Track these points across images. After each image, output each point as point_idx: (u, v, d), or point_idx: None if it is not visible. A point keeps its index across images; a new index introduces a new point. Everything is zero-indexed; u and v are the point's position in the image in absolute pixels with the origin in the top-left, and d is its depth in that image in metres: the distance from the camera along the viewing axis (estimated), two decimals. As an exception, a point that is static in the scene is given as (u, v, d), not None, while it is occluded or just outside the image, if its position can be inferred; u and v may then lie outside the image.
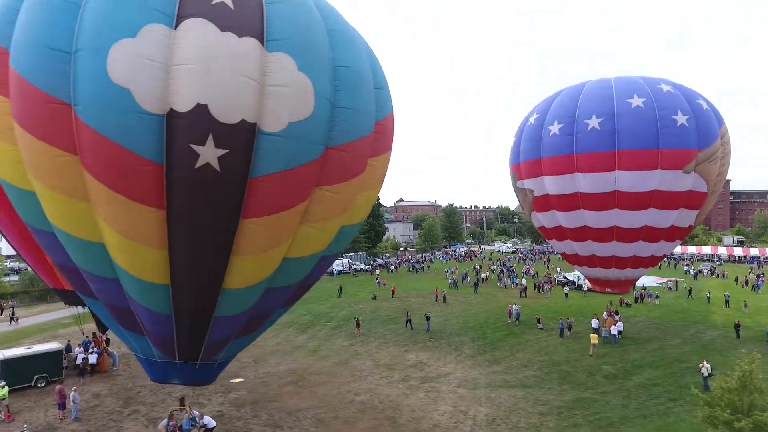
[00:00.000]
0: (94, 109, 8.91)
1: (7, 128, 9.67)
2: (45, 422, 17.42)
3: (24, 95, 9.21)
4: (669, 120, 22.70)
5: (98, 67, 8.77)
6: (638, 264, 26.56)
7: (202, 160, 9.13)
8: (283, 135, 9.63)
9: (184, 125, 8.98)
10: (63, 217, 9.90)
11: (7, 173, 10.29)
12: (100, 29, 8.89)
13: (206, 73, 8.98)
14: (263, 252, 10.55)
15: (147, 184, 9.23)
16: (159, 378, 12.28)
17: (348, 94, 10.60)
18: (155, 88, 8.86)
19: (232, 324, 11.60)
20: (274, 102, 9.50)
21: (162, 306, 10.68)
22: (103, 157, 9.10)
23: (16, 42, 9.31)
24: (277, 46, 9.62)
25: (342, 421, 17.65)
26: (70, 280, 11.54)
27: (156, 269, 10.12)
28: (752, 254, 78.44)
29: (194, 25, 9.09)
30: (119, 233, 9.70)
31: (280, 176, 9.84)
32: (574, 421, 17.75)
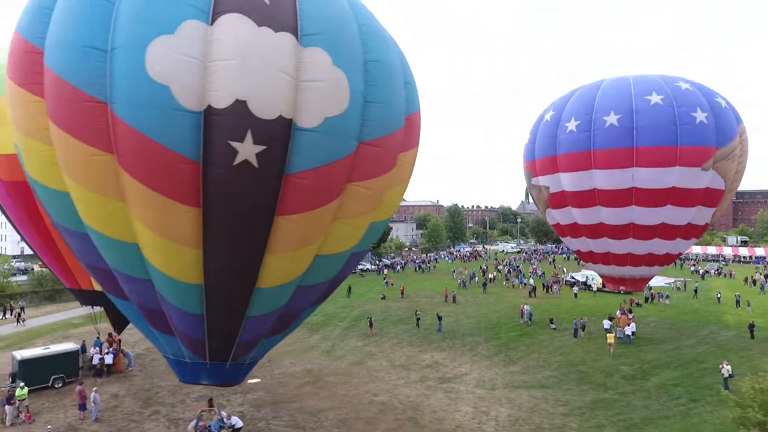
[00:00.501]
0: (132, 107, 8.83)
1: (41, 128, 9.58)
2: (65, 423, 17.32)
3: (60, 94, 9.12)
4: (688, 117, 22.68)
5: (137, 64, 8.70)
6: (653, 262, 26.50)
7: (241, 157, 9.04)
8: (319, 130, 9.56)
9: (223, 122, 8.90)
10: (97, 217, 9.80)
11: (40, 174, 10.20)
12: (138, 26, 8.81)
13: (245, 68, 8.90)
14: (297, 249, 10.47)
15: (184, 182, 9.16)
16: (189, 379, 12.19)
17: (380, 89, 10.53)
18: (193, 84, 8.79)
19: (262, 323, 11.52)
20: (310, 97, 9.43)
21: (194, 306, 10.60)
22: (140, 155, 9.02)
23: (51, 41, 9.21)
24: (311, 41, 9.55)
25: (364, 422, 17.55)
26: (100, 281, 11.44)
27: (190, 269, 10.04)
28: (758, 254, 78.33)
29: (231, 21, 9.01)
30: (154, 232, 9.61)
31: (316, 172, 9.77)
32: (597, 422, 17.64)
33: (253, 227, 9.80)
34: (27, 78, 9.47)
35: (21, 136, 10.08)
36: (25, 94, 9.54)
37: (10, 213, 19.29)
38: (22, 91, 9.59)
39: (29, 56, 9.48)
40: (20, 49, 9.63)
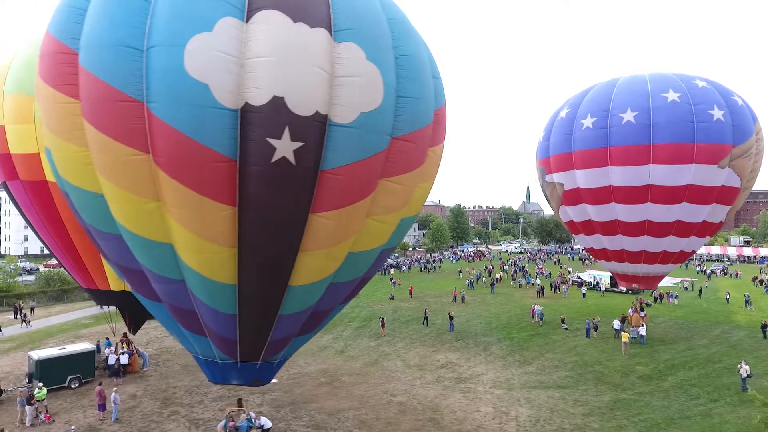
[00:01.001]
0: (170, 105, 8.75)
1: (75, 130, 9.45)
2: (86, 423, 17.27)
3: (96, 94, 9.02)
4: (705, 115, 22.73)
5: (175, 63, 8.62)
6: (667, 259, 26.53)
7: (279, 154, 8.97)
8: (354, 126, 9.49)
9: (261, 119, 8.83)
10: (132, 217, 9.73)
11: (73, 176, 10.05)
12: (176, 24, 8.73)
13: (283, 65, 8.84)
14: (331, 247, 10.41)
15: (220, 180, 9.09)
16: (218, 379, 12.14)
17: (411, 83, 10.46)
18: (231, 82, 8.72)
19: (294, 322, 11.48)
20: (345, 92, 9.36)
21: (228, 306, 10.55)
22: (177, 154, 8.94)
23: (86, 41, 9.10)
24: (345, 36, 9.48)
25: (384, 423, 17.50)
26: (130, 283, 11.37)
27: (225, 268, 9.98)
28: (762, 254, 78.37)
29: (267, 17, 8.93)
30: (190, 232, 9.54)
31: (351, 168, 9.69)
32: (618, 422, 17.60)
33: (288, 225, 9.73)
34: (60, 79, 9.33)
35: (53, 138, 9.96)
36: (59, 95, 9.42)
37: (27, 212, 19.21)
38: (55, 93, 9.46)
39: (62, 57, 9.35)
40: (53, 50, 9.49)
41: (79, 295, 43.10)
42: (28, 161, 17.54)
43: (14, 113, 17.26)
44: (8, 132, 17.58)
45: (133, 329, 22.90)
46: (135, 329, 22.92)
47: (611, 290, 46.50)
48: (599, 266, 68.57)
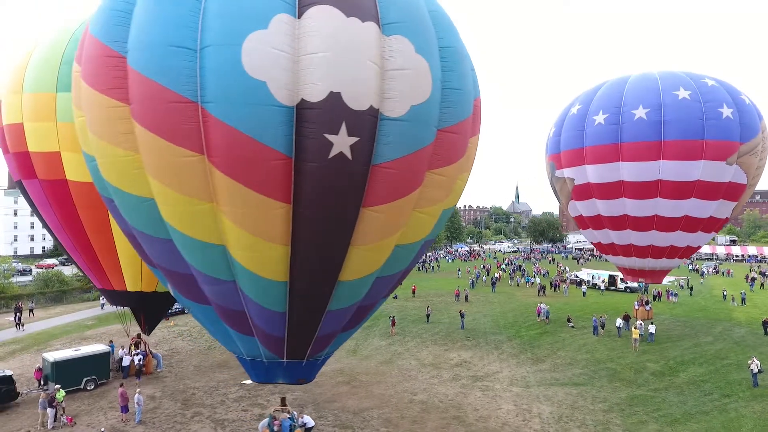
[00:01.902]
0: (228, 104, 8.69)
1: (123, 133, 9.35)
2: (109, 425, 17.04)
3: (149, 96, 8.92)
4: (715, 112, 23.33)
5: (233, 61, 8.57)
6: (674, 254, 27.14)
7: (336, 150, 8.98)
8: (405, 119, 9.52)
9: (317, 115, 8.83)
10: (185, 219, 9.64)
11: (120, 180, 9.91)
12: (231, 23, 8.69)
13: (338, 60, 8.84)
14: (380, 241, 10.45)
15: (276, 177, 9.07)
16: (263, 378, 12.12)
17: (454, 75, 10.51)
18: (287, 79, 8.70)
19: (341, 317, 11.52)
20: (396, 86, 9.38)
21: (278, 304, 10.54)
22: (235, 153, 8.89)
23: (136, 43, 9.00)
24: (393, 30, 9.49)
25: (410, 421, 17.57)
26: (176, 286, 11.26)
27: (277, 266, 9.97)
28: (750, 253, 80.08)
29: (321, 13, 8.92)
30: (245, 230, 9.51)
31: (401, 162, 9.71)
32: (638, 418, 17.89)
33: (341, 220, 9.75)
34: (107, 83, 9.20)
35: (99, 143, 9.81)
36: (105, 99, 9.29)
37: (44, 211, 18.88)
38: (101, 97, 9.33)
39: (109, 61, 9.22)
40: (99, 54, 9.35)
41: (78, 296, 42.51)
42: (48, 160, 17.26)
43: (34, 111, 16.96)
44: (27, 130, 17.28)
45: (147, 330, 22.65)
46: (150, 329, 22.66)
47: (610, 288, 47.16)
48: (593, 265, 69.62)
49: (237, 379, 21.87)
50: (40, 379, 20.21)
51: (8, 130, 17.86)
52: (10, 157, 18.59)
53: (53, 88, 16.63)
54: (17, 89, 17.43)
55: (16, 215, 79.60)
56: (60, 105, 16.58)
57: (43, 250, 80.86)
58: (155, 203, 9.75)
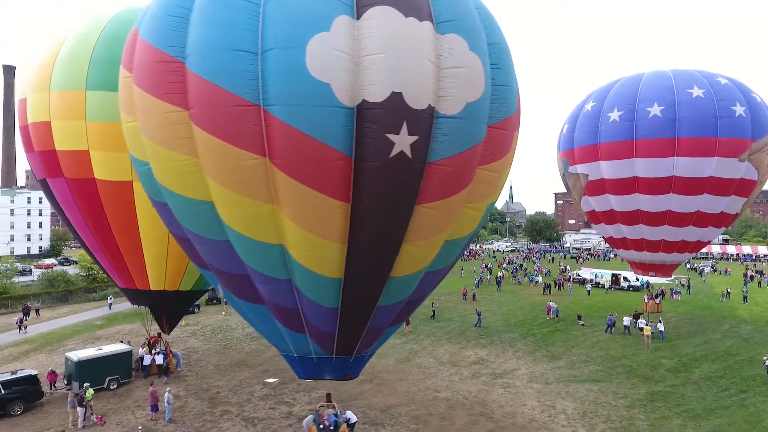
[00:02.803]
0: (292, 106, 8.79)
1: (180, 138, 9.43)
2: (139, 424, 17.03)
3: (211, 99, 8.99)
4: (728, 110, 23.86)
5: (297, 64, 8.68)
6: (685, 248, 27.66)
7: (397, 149, 9.11)
8: (461, 117, 9.65)
9: (380, 115, 8.96)
10: (246, 221, 9.74)
11: (177, 184, 9.99)
12: (294, 26, 8.79)
13: (399, 60, 8.96)
14: (432, 237, 10.63)
15: (338, 177, 9.21)
16: (311, 375, 12.25)
17: (502, 72, 10.66)
18: (348, 80, 8.83)
19: (391, 312, 11.70)
20: (452, 84, 9.50)
21: (331, 300, 10.68)
22: (298, 154, 9.00)
23: (196, 48, 9.07)
24: (447, 28, 9.61)
25: (438, 418, 17.75)
26: (229, 287, 11.35)
27: (333, 263, 10.11)
28: (745, 252, 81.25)
29: (380, 13, 9.02)
30: (305, 230, 9.63)
31: (456, 159, 9.85)
32: (661, 413, 18.20)
33: (396, 218, 9.90)
34: (163, 88, 9.27)
35: (155, 147, 9.85)
36: (161, 104, 9.36)
37: (68, 210, 18.79)
38: (158, 102, 9.39)
39: (165, 66, 9.29)
40: (154, 59, 9.40)
41: (83, 296, 42.21)
42: (76, 158, 17.20)
43: (62, 110, 16.90)
44: (55, 129, 17.21)
45: (167, 329, 22.61)
46: (170, 329, 22.63)
47: (613, 287, 47.69)
48: (592, 264, 70.34)
49: (259, 378, 21.92)
50: (64, 378, 20.13)
51: (34, 129, 17.78)
52: (34, 155, 18.50)
53: (82, 86, 16.58)
54: (44, 87, 17.35)
55: (13, 215, 78.73)
56: (89, 103, 16.54)
57: (40, 250, 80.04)
58: (213, 206, 9.84)
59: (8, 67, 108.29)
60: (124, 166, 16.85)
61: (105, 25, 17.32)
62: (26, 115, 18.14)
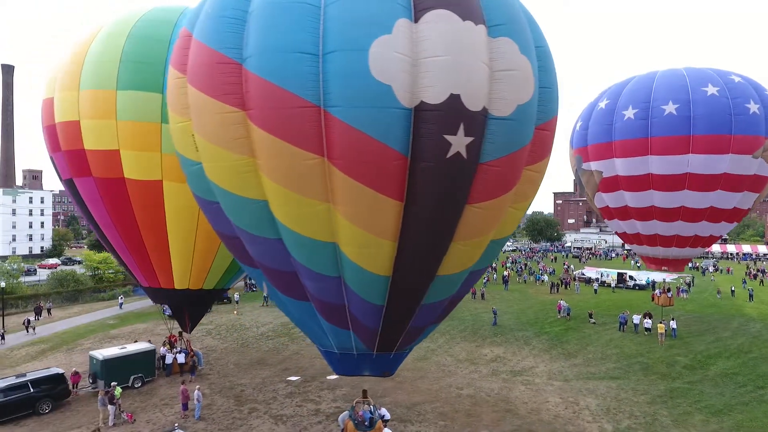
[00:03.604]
0: (354, 108, 8.93)
1: (237, 138, 9.56)
2: (168, 422, 17.15)
3: (272, 101, 9.12)
4: (742, 108, 24.27)
5: (360, 66, 8.83)
6: (697, 243, 28.10)
7: (453, 149, 9.29)
8: (513, 118, 9.85)
9: (438, 117, 9.13)
10: (300, 219, 9.89)
11: (231, 183, 10.12)
12: (356, 29, 8.94)
13: (458, 63, 9.13)
14: (480, 236, 10.84)
15: (395, 177, 9.38)
16: (350, 371, 12.40)
17: (546, 74, 10.86)
18: (408, 82, 8.98)
19: (434, 310, 11.90)
20: (504, 86, 9.68)
21: (379, 297, 10.85)
22: (358, 154, 9.15)
23: (257, 49, 9.20)
24: (499, 32, 9.78)
25: (464, 414, 17.95)
26: (277, 284, 11.48)
27: (384, 261, 10.28)
28: (745, 251, 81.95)
29: (438, 17, 9.17)
30: (360, 227, 9.80)
31: (506, 160, 10.03)
32: (683, 409, 18.48)
33: (448, 217, 10.09)
34: (222, 89, 9.39)
35: (210, 147, 9.98)
36: (219, 104, 9.48)
37: (95, 209, 18.83)
38: (215, 103, 9.51)
39: (222, 67, 9.41)
40: (211, 60, 9.53)
41: (92, 296, 42.18)
42: (105, 158, 17.26)
43: (92, 109, 16.94)
44: (84, 128, 17.27)
45: (189, 328, 22.70)
46: (191, 328, 22.71)
47: (619, 286, 48.06)
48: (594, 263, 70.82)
49: (281, 376, 22.06)
50: (89, 377, 20.20)
51: (62, 128, 17.83)
52: (61, 155, 18.55)
53: (113, 85, 16.66)
54: (72, 86, 17.41)
55: (15, 214, 78.41)
56: (120, 103, 16.62)
57: (42, 250, 79.77)
58: (267, 204, 10.00)
59: (7, 66, 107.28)
60: (154, 165, 17.00)
61: (133, 25, 17.39)
62: (53, 114, 18.19)
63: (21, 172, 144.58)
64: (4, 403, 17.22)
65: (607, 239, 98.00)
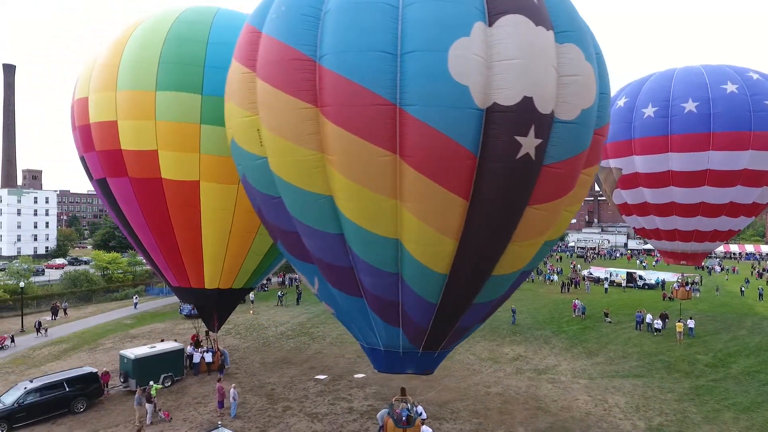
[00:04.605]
0: (432, 107, 9.14)
1: (309, 134, 9.76)
2: (205, 420, 17.30)
3: (349, 97, 9.33)
4: (761, 105, 24.69)
5: (439, 67, 9.05)
6: (716, 237, 28.48)
7: (523, 151, 9.50)
8: (577, 122, 10.11)
9: (510, 118, 9.34)
10: (368, 215, 10.06)
11: (298, 178, 10.29)
12: (436, 30, 9.15)
13: (531, 67, 9.36)
14: (537, 237, 11.04)
15: (464, 175, 9.59)
16: (394, 369, 12.57)
17: (603, 81, 11.13)
18: (483, 84, 9.22)
19: (483, 309, 12.09)
20: (570, 91, 9.94)
21: (434, 295, 11.03)
22: (432, 152, 9.34)
23: (335, 47, 9.41)
24: (566, 38, 10.05)
25: (497, 412, 18.14)
26: (332, 279, 11.62)
27: (444, 259, 10.47)
28: (748, 251, 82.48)
29: (513, 21, 9.40)
30: (426, 224, 9.98)
31: (569, 162, 10.28)
32: (711, 406, 18.71)
33: (509, 217, 10.28)
34: (297, 85, 9.60)
35: (280, 141, 10.17)
36: (293, 100, 9.69)
37: (128, 209, 18.90)
38: (288, 98, 9.71)
39: (297, 63, 9.64)
40: (286, 56, 9.73)
41: (106, 296, 42.22)
42: (143, 158, 17.33)
43: (130, 109, 17.01)
44: (121, 128, 17.36)
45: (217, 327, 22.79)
46: (218, 327, 22.82)
47: (629, 286, 48.38)
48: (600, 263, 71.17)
49: (308, 375, 22.20)
50: (120, 377, 20.31)
51: (98, 128, 17.91)
52: (94, 155, 18.63)
53: (152, 86, 16.76)
54: (108, 87, 17.49)
55: (20, 215, 78.24)
56: (159, 104, 16.73)
57: (47, 250, 79.62)
58: (332, 200, 10.18)
59: (8, 66, 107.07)
60: (192, 166, 17.12)
61: (170, 26, 17.49)
62: (87, 114, 18.28)
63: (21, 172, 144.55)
64: (41, 402, 17.33)
65: (610, 239, 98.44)
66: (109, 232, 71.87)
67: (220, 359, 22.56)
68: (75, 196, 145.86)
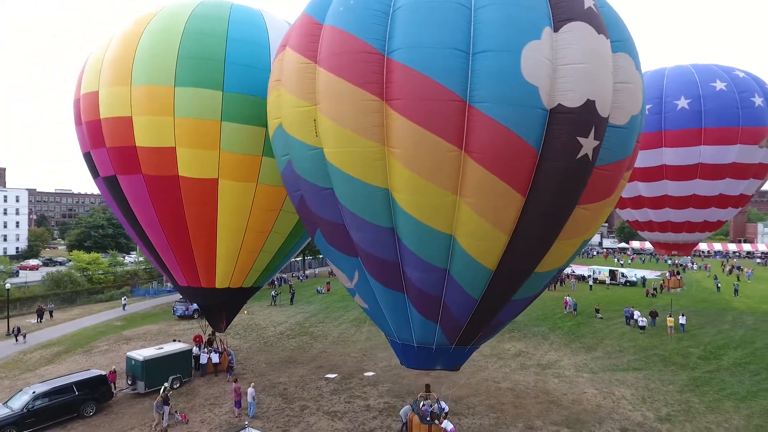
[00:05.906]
0: (503, 105, 9.50)
1: (374, 126, 9.98)
2: (222, 421, 17.08)
3: (421, 91, 9.60)
4: (748, 101, 26.27)
5: (512, 67, 9.41)
6: (705, 228, 29.98)
7: (583, 151, 9.94)
8: (627, 127, 10.72)
9: (573, 119, 9.75)
10: (426, 208, 10.28)
11: (358, 169, 10.46)
12: (510, 32, 9.53)
13: (594, 71, 9.86)
14: (581, 236, 11.51)
15: (526, 173, 9.99)
16: (423, 365, 12.83)
17: (643, 92, 11.78)
18: (550, 85, 9.66)
19: (517, 307, 12.48)
20: (623, 97, 10.51)
21: (478, 291, 11.31)
22: (500, 148, 9.70)
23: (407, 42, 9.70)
24: (619, 47, 10.65)
25: (511, 407, 18.52)
26: (375, 270, 11.72)
27: (494, 255, 10.79)
28: (716, 249, 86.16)
29: (577, 28, 9.88)
30: (485, 220, 10.28)
31: (616, 165, 10.86)
32: (712, 396, 19.58)
33: (560, 216, 10.68)
34: (363, 77, 9.83)
35: (342, 132, 10.29)
36: (359, 92, 9.86)
37: (138, 207, 18.45)
38: (355, 89, 9.89)
39: (366, 56, 9.88)
40: (355, 48, 9.95)
41: (91, 297, 40.94)
42: (160, 155, 16.99)
43: (147, 105, 16.66)
44: (136, 124, 16.96)
45: (224, 327, 22.47)
46: (226, 327, 22.50)
47: (612, 283, 49.91)
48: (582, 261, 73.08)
49: (317, 374, 22.14)
50: (128, 379, 19.80)
51: (110, 123, 17.45)
52: (104, 151, 18.13)
53: (171, 82, 16.44)
54: (122, 82, 17.06)
55: (-13, 214, 74.81)
56: (179, 100, 16.43)
57: (17, 251, 76.36)
58: (388, 193, 10.35)
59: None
60: (211, 163, 16.89)
61: (186, 21, 17.17)
62: (97, 109, 17.76)
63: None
64: (49, 407, 16.74)
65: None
66: (84, 231, 69.56)
67: (230, 360, 22.23)
68: (43, 194, 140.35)
